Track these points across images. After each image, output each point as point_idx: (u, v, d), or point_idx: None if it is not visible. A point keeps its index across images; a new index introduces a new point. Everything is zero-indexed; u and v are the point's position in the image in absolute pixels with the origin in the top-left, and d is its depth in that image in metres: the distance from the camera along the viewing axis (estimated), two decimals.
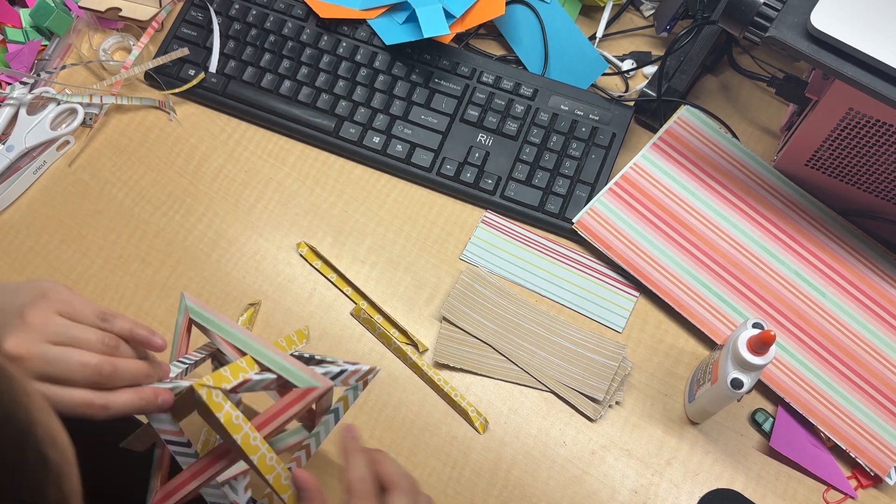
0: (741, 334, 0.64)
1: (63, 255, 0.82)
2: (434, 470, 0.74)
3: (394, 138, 0.85)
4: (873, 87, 0.63)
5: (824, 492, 0.73)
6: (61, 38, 0.90)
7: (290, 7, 0.90)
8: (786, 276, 0.78)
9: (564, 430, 0.75)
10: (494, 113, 0.85)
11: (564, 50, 0.89)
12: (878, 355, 0.75)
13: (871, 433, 0.73)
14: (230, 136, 0.87)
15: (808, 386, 0.74)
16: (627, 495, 0.73)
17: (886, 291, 0.77)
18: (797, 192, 0.81)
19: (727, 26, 0.69)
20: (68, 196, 0.84)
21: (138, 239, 0.82)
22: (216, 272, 0.81)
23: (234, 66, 0.88)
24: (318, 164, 0.86)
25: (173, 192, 0.85)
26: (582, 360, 0.76)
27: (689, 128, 0.84)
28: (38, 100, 0.86)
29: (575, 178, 0.83)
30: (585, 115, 0.85)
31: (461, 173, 0.83)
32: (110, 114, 0.88)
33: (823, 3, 0.64)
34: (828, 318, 0.77)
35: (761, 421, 0.75)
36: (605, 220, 0.80)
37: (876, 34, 0.63)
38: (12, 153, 0.83)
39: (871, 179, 0.76)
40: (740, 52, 0.91)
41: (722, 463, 0.74)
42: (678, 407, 0.76)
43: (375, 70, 0.87)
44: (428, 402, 0.76)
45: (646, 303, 0.80)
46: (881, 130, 0.70)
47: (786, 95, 0.80)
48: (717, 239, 0.79)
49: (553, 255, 0.81)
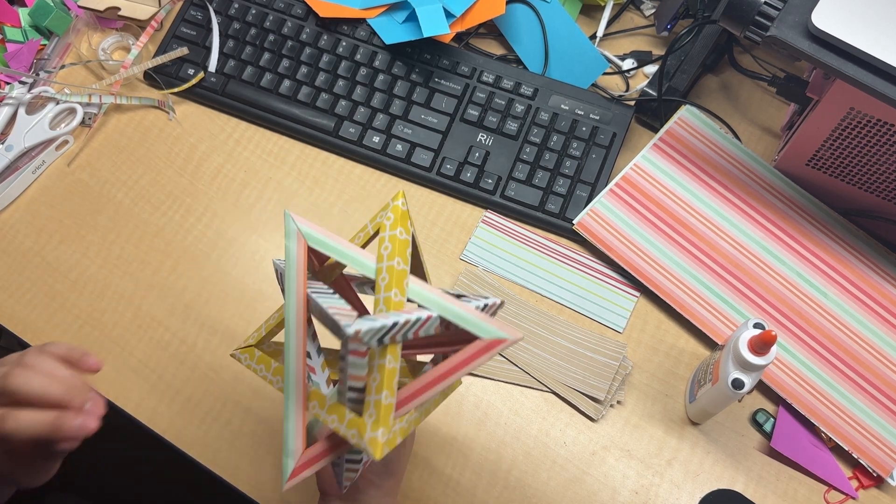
0: (742, 334, 0.64)
1: (62, 255, 0.81)
2: (434, 470, 0.73)
3: (394, 138, 0.85)
4: (874, 86, 0.63)
5: (825, 492, 0.73)
6: (60, 38, 0.90)
7: (289, 6, 0.90)
8: (787, 276, 0.78)
9: (565, 430, 0.75)
10: (495, 112, 0.85)
11: (565, 49, 0.89)
12: (879, 355, 0.75)
13: (873, 433, 0.73)
14: (230, 136, 0.87)
15: (809, 386, 0.74)
16: (628, 496, 0.72)
17: (887, 291, 0.77)
18: (798, 192, 0.81)
19: (728, 26, 0.69)
20: (67, 196, 0.84)
21: (137, 238, 0.82)
22: (215, 272, 0.81)
23: (234, 65, 0.88)
24: (318, 163, 0.86)
25: (173, 192, 0.84)
26: (582, 360, 0.76)
27: (690, 128, 0.83)
28: (37, 99, 0.86)
29: (575, 177, 0.83)
30: (586, 114, 0.85)
31: (461, 173, 0.83)
32: (109, 113, 0.88)
33: (824, 3, 0.64)
34: (829, 318, 0.76)
35: (762, 421, 0.74)
36: (606, 221, 0.80)
37: (877, 33, 0.63)
38: (11, 153, 0.83)
39: (871, 179, 0.75)
40: (741, 51, 0.91)
41: (723, 463, 0.74)
42: (679, 407, 0.76)
43: (375, 69, 0.87)
44: None
45: (646, 303, 0.80)
46: (882, 130, 0.69)
47: (787, 95, 0.80)
48: (717, 239, 0.79)
49: (553, 255, 0.81)
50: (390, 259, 0.50)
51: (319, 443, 0.53)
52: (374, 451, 0.48)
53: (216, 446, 0.74)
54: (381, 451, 0.48)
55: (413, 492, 0.73)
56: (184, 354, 0.78)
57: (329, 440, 0.53)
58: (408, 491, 0.73)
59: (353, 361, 0.49)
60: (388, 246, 0.51)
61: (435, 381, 0.50)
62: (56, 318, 0.79)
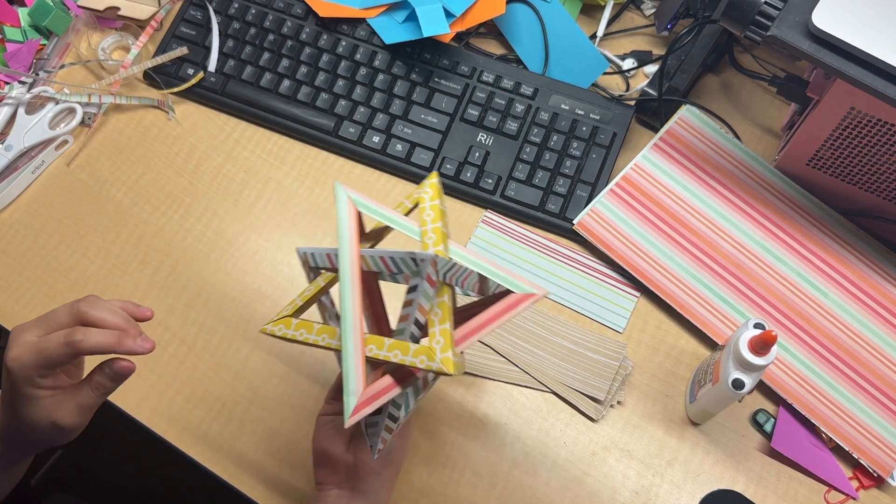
0: (742, 334, 0.64)
1: (62, 255, 0.81)
2: (434, 471, 0.73)
3: (393, 138, 0.85)
4: (875, 86, 0.63)
5: (825, 492, 0.73)
6: (60, 38, 0.90)
7: (289, 6, 0.90)
8: (787, 276, 0.78)
9: (565, 430, 0.75)
10: (495, 112, 0.85)
11: (565, 49, 0.89)
12: (880, 355, 0.75)
13: (873, 433, 0.73)
14: (229, 136, 0.87)
15: (810, 386, 0.74)
16: (628, 496, 0.72)
17: (888, 291, 0.77)
18: (798, 191, 0.81)
19: (728, 25, 0.69)
20: (67, 196, 0.84)
21: (137, 238, 0.82)
22: (215, 272, 0.81)
23: (234, 65, 0.88)
24: (318, 163, 0.86)
25: (172, 192, 0.84)
26: (582, 360, 0.76)
27: (690, 128, 0.83)
28: (36, 99, 0.86)
29: (575, 177, 0.83)
30: (586, 114, 0.84)
31: (461, 173, 0.83)
32: (109, 113, 0.88)
33: (825, 2, 0.64)
34: (829, 318, 0.76)
35: (762, 421, 0.74)
36: (606, 221, 0.80)
37: (877, 33, 0.63)
38: (11, 153, 0.83)
39: (872, 179, 0.75)
40: (741, 51, 0.91)
41: (723, 464, 0.74)
42: (679, 407, 0.76)
43: (375, 69, 0.87)
44: (428, 403, 0.75)
45: (646, 303, 0.79)
46: (882, 130, 0.69)
47: (787, 95, 0.80)
48: (717, 239, 0.79)
49: (553, 255, 0.81)
50: (434, 223, 0.56)
51: (377, 382, 0.56)
52: (448, 367, 0.52)
53: (216, 446, 0.74)
54: (455, 368, 0.52)
55: (413, 492, 0.73)
56: (184, 354, 0.78)
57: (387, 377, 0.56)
58: (408, 491, 0.73)
59: (426, 290, 0.54)
60: (431, 213, 0.57)
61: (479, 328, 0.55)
62: None
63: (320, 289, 0.60)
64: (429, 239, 0.56)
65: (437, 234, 0.56)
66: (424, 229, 0.56)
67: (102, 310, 0.58)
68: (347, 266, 0.56)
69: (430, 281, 0.54)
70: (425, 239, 0.56)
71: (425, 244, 0.56)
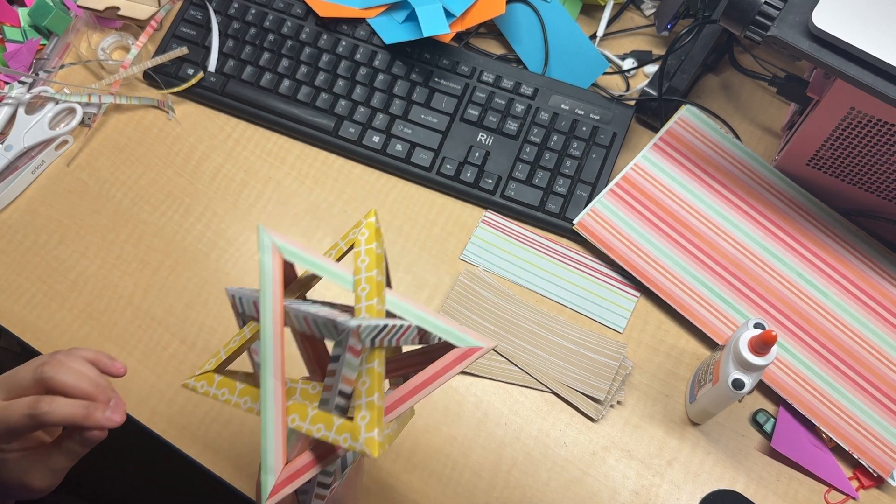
0: (742, 334, 0.64)
1: (61, 255, 0.81)
2: (434, 471, 0.73)
3: (393, 138, 0.85)
4: (875, 86, 0.63)
5: (825, 492, 0.73)
6: (60, 38, 0.90)
7: (289, 6, 0.90)
8: (787, 276, 0.78)
9: (565, 430, 0.75)
10: (495, 112, 0.85)
11: (565, 49, 0.89)
12: (880, 355, 0.75)
13: (873, 433, 0.73)
14: (229, 136, 0.87)
15: (810, 386, 0.74)
16: (628, 496, 0.72)
17: (888, 291, 0.77)
18: (798, 191, 0.81)
19: (728, 25, 0.69)
20: (67, 196, 0.84)
21: (137, 238, 0.82)
22: (215, 272, 0.81)
23: (233, 65, 0.88)
24: (318, 163, 0.86)
25: (172, 192, 0.84)
26: (582, 360, 0.76)
27: (690, 128, 0.83)
28: (36, 99, 0.86)
29: (575, 177, 0.83)
30: (586, 114, 0.84)
31: (461, 173, 0.83)
32: (109, 113, 0.88)
33: (825, 2, 0.64)
34: (829, 319, 0.76)
35: (762, 421, 0.74)
36: (606, 221, 0.80)
37: (878, 33, 0.63)
38: (11, 153, 0.83)
39: (872, 179, 0.75)
40: (741, 51, 0.91)
41: (723, 464, 0.74)
42: (679, 408, 0.76)
43: (375, 69, 0.87)
44: (428, 403, 0.75)
45: (646, 303, 0.79)
46: (883, 130, 0.69)
47: (787, 95, 0.80)
48: (718, 239, 0.79)
49: (553, 255, 0.81)
50: (368, 270, 0.52)
51: (299, 458, 0.52)
52: (372, 450, 0.48)
53: (216, 446, 0.74)
54: (379, 449, 0.48)
55: (413, 492, 0.73)
56: (184, 354, 0.78)
57: (310, 453, 0.53)
58: (407, 491, 0.73)
59: (349, 361, 0.49)
60: (366, 259, 0.52)
61: (415, 390, 0.51)
62: (56, 318, 0.79)
63: (246, 340, 0.55)
64: (362, 291, 0.51)
65: (371, 284, 0.51)
66: (358, 278, 0.52)
67: (69, 374, 0.54)
68: (269, 325, 0.51)
69: (353, 352, 0.49)
70: (358, 291, 0.51)
71: (358, 296, 0.51)
